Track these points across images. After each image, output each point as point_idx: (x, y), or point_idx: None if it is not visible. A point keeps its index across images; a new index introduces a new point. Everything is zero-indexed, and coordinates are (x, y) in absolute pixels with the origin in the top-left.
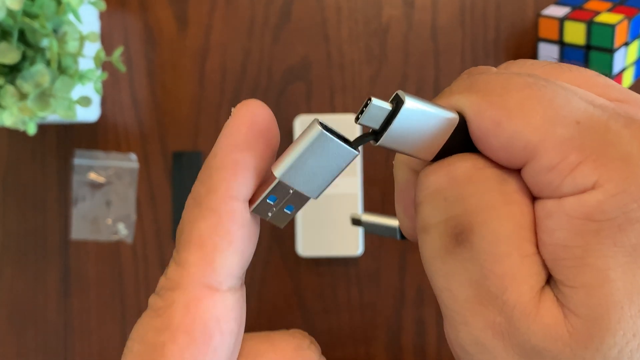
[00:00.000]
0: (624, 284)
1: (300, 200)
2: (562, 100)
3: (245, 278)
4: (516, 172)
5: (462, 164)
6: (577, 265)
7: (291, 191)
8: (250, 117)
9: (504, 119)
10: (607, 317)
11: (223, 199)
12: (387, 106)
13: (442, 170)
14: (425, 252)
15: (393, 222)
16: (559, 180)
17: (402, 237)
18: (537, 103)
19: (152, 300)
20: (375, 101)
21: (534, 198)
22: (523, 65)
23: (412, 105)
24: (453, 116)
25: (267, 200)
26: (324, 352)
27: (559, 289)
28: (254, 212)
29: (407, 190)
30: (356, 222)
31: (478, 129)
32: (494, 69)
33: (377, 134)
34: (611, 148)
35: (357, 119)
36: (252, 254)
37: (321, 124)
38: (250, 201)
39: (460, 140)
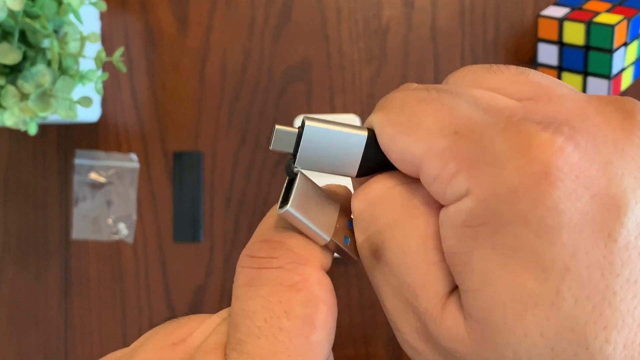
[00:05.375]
0: (505, 285)
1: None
2: (445, 111)
3: None
4: None
5: (375, 186)
6: (464, 270)
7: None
8: None
9: (396, 135)
10: (493, 318)
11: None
12: (293, 130)
13: (360, 194)
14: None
15: None
16: (442, 190)
17: None
18: (423, 117)
19: (281, 278)
20: (279, 127)
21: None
22: (460, 72)
23: (314, 125)
24: (361, 134)
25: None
26: None
27: (460, 293)
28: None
29: None
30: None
31: (381, 144)
32: (414, 85)
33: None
34: (483, 154)
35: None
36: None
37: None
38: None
39: (379, 156)
